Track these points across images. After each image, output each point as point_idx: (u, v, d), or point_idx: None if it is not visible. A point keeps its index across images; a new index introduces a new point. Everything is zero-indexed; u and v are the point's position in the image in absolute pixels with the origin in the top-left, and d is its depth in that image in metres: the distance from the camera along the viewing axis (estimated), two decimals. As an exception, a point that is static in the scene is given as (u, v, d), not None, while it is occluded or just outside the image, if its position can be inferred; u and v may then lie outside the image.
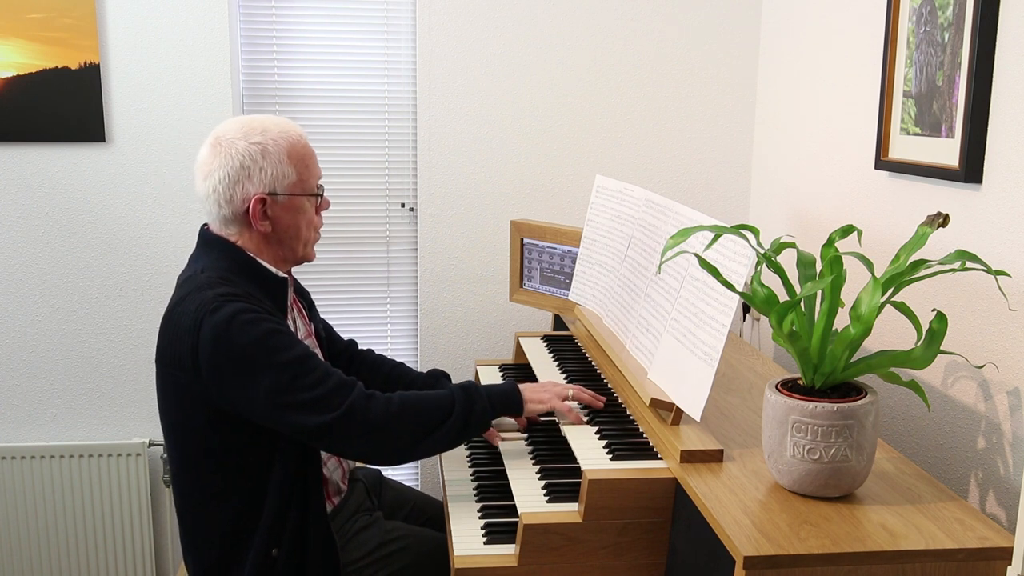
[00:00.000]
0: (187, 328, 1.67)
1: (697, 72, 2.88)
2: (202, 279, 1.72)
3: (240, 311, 1.66)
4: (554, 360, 2.28)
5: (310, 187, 1.82)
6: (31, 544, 2.85)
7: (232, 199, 1.75)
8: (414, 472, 3.08)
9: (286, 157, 1.77)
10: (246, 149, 1.74)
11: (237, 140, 1.75)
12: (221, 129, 1.78)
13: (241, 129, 1.77)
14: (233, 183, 1.74)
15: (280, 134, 1.78)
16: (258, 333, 1.66)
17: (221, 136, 1.77)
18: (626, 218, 2.21)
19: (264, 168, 1.75)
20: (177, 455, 1.80)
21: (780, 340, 1.52)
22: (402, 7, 2.81)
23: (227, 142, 1.75)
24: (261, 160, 1.75)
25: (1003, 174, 1.69)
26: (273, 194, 1.76)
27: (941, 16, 1.84)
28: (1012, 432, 1.66)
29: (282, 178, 1.77)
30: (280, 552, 1.76)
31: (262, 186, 1.75)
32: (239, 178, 1.74)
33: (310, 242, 1.87)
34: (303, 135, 1.82)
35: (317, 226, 1.87)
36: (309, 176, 1.81)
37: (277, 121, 1.81)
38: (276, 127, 1.79)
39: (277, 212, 1.78)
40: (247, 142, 1.75)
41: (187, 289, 1.73)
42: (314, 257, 1.89)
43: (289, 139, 1.78)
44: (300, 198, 1.80)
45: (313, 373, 1.69)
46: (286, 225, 1.80)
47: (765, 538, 1.35)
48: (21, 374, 2.82)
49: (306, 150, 1.81)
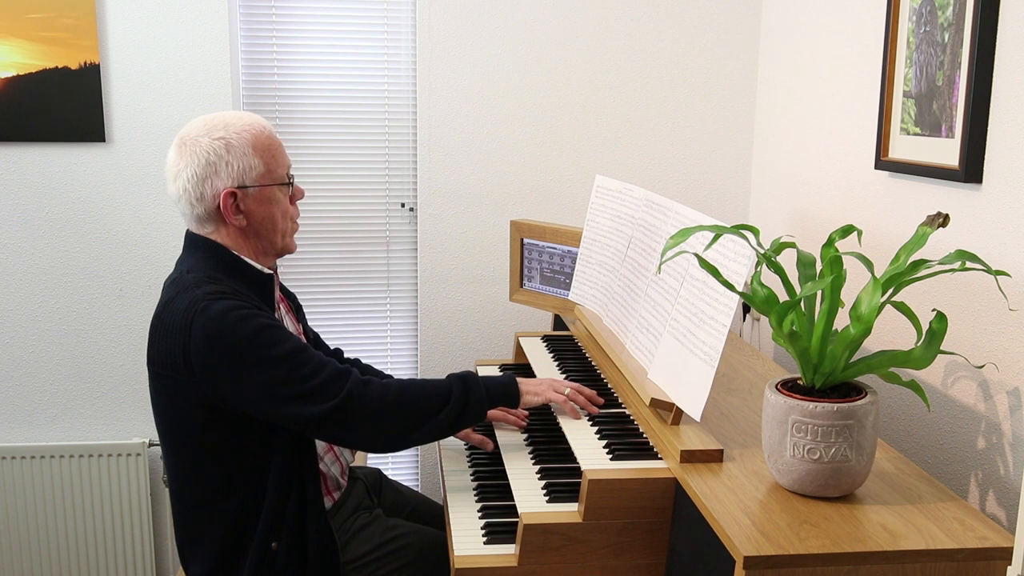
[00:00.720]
0: (178, 328, 1.67)
1: (697, 72, 2.88)
2: (189, 279, 1.73)
3: (231, 308, 1.66)
4: (554, 360, 2.28)
5: (279, 176, 1.82)
6: (31, 544, 2.85)
7: (203, 197, 1.76)
8: (414, 472, 3.08)
9: (251, 149, 1.77)
10: (210, 145, 1.75)
11: (201, 138, 1.76)
12: (185, 129, 1.79)
13: (204, 127, 1.78)
14: (201, 180, 1.75)
15: (243, 127, 1.78)
16: (251, 329, 1.66)
17: (185, 136, 1.78)
18: (626, 218, 2.21)
19: (230, 162, 1.75)
20: (173, 456, 1.80)
21: (780, 340, 1.52)
22: (402, 7, 2.81)
23: (191, 141, 1.76)
24: (226, 154, 1.75)
25: (1003, 174, 1.69)
26: (243, 187, 1.77)
27: (941, 16, 1.84)
28: (1012, 432, 1.66)
29: (249, 170, 1.77)
30: (280, 546, 1.76)
31: (230, 180, 1.76)
32: (206, 175, 1.75)
33: (288, 232, 1.87)
34: (267, 126, 1.83)
35: (293, 216, 1.88)
36: (277, 166, 1.81)
37: (240, 115, 1.81)
38: (239, 121, 1.79)
39: (249, 205, 1.78)
40: (210, 138, 1.76)
41: (175, 290, 1.73)
42: (295, 248, 1.89)
43: (252, 131, 1.79)
44: (270, 188, 1.80)
45: (308, 364, 1.70)
46: (260, 217, 1.80)
47: (765, 538, 1.35)
48: (21, 374, 2.82)
49: (271, 140, 1.81)
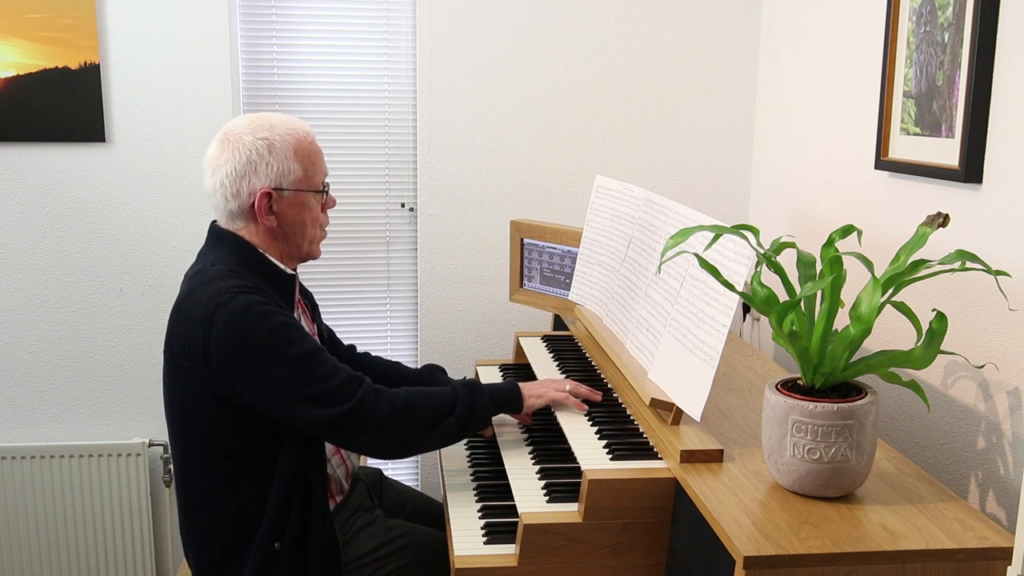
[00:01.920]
0: (199, 319, 1.68)
1: (697, 72, 2.88)
2: (213, 272, 1.75)
3: (253, 303, 1.68)
4: (554, 360, 2.28)
5: (315, 184, 1.85)
6: (31, 544, 2.85)
7: (239, 193, 1.78)
8: (414, 472, 3.08)
9: (292, 153, 1.80)
10: (253, 144, 1.78)
11: (244, 135, 1.78)
12: (230, 125, 1.82)
13: (249, 125, 1.80)
14: (240, 177, 1.77)
15: (287, 131, 1.81)
16: (272, 325, 1.68)
17: (229, 132, 1.81)
18: (626, 218, 2.21)
19: (270, 163, 1.78)
20: (182, 447, 1.81)
21: (780, 340, 1.52)
22: (402, 7, 2.81)
23: (235, 137, 1.79)
24: (267, 155, 1.78)
25: (1003, 174, 1.69)
26: (279, 189, 1.79)
27: (941, 16, 1.84)
28: (1012, 432, 1.66)
29: (288, 173, 1.79)
30: (282, 546, 1.76)
31: (268, 180, 1.78)
32: (245, 172, 1.77)
33: (316, 239, 1.89)
34: (310, 133, 1.86)
35: (323, 224, 1.90)
36: (315, 173, 1.84)
37: (285, 119, 1.84)
38: (283, 124, 1.82)
39: (282, 207, 1.81)
40: (254, 137, 1.78)
41: (198, 281, 1.75)
42: (319, 254, 1.92)
43: (296, 136, 1.81)
44: (305, 194, 1.83)
45: (323, 367, 1.72)
46: (291, 220, 1.82)
47: (765, 538, 1.35)
48: (21, 374, 2.82)
49: (312, 147, 1.84)
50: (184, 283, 1.81)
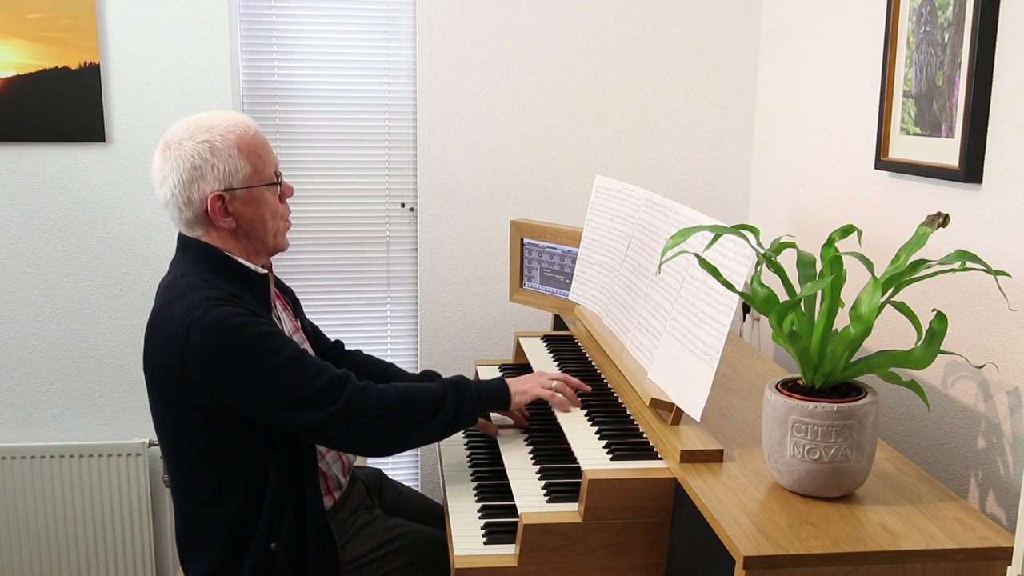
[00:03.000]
0: (174, 334, 1.66)
1: (697, 72, 2.88)
2: (184, 284, 1.72)
3: (229, 315, 1.66)
4: (554, 360, 2.28)
5: (267, 176, 1.80)
6: (31, 544, 2.85)
7: (190, 201, 1.74)
8: (414, 472, 3.08)
9: (236, 151, 1.75)
10: (194, 149, 1.73)
11: (185, 141, 1.74)
12: (169, 132, 1.77)
13: (188, 129, 1.75)
14: (188, 185, 1.73)
15: (227, 128, 1.76)
16: (250, 336, 1.66)
17: (169, 139, 1.76)
18: (626, 218, 2.21)
19: (216, 165, 1.73)
20: (173, 458, 1.80)
21: (780, 340, 1.52)
22: (402, 7, 2.81)
23: (175, 144, 1.74)
24: (211, 157, 1.73)
25: (1003, 174, 1.69)
26: (230, 189, 1.75)
27: (941, 16, 1.84)
28: (1012, 432, 1.66)
29: (236, 172, 1.75)
30: (279, 546, 1.76)
31: (217, 183, 1.74)
32: (193, 179, 1.73)
33: (279, 232, 1.85)
34: (252, 125, 1.80)
35: (284, 214, 1.86)
36: (264, 166, 1.79)
37: (224, 116, 1.79)
38: (223, 122, 1.77)
39: (237, 207, 1.77)
40: (194, 142, 1.73)
41: (170, 295, 1.72)
42: (287, 246, 1.88)
43: (237, 131, 1.76)
44: (259, 189, 1.78)
45: (307, 371, 1.70)
46: (250, 218, 1.78)
47: (765, 538, 1.35)
48: (21, 374, 2.82)
49: (256, 139, 1.79)
50: (157, 296, 1.78)
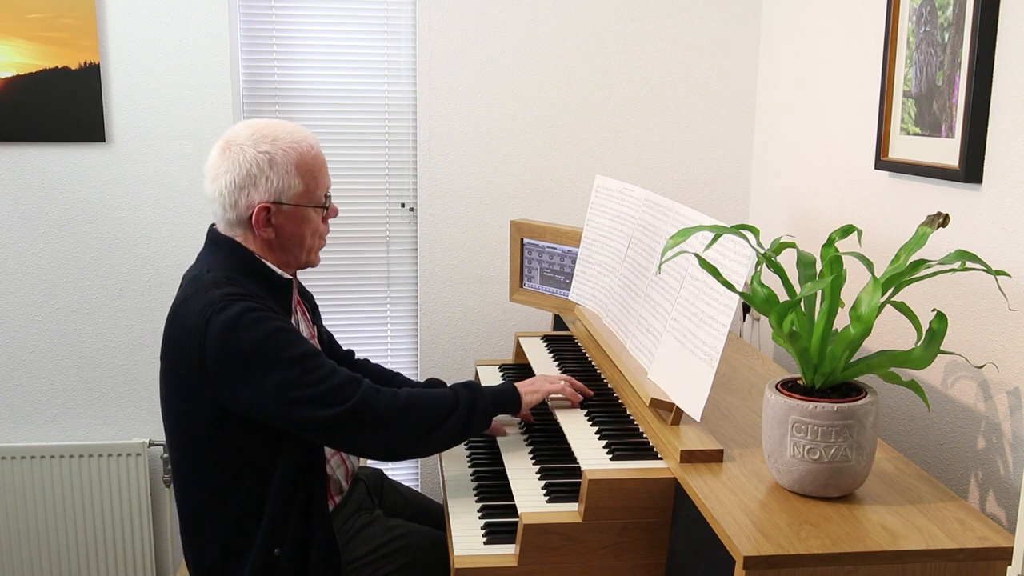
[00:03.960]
0: (193, 326, 1.67)
1: (697, 72, 2.88)
2: (208, 279, 1.73)
3: (247, 310, 1.67)
4: (554, 360, 2.28)
5: (317, 198, 1.81)
6: (31, 544, 2.85)
7: (237, 204, 1.76)
8: (414, 472, 3.08)
9: (294, 168, 1.76)
10: (254, 157, 1.74)
11: (246, 147, 1.74)
12: (233, 132, 1.78)
13: (252, 136, 1.76)
14: (239, 189, 1.74)
15: (290, 144, 1.76)
16: (265, 331, 1.67)
17: (232, 140, 1.76)
18: (626, 218, 2.21)
19: (270, 177, 1.74)
20: (179, 452, 1.80)
21: (780, 340, 1.52)
22: (402, 7, 2.81)
23: (236, 148, 1.75)
24: (268, 169, 1.74)
25: (1003, 174, 1.69)
26: (278, 203, 1.76)
27: (941, 16, 1.84)
28: (1012, 432, 1.66)
29: (288, 188, 1.76)
30: (283, 551, 1.76)
31: (267, 195, 1.75)
32: (245, 185, 1.74)
33: (314, 249, 1.87)
34: (315, 145, 1.81)
35: (323, 234, 1.87)
36: (316, 187, 1.80)
37: (290, 129, 1.79)
38: (287, 136, 1.77)
39: (281, 221, 1.78)
40: (256, 150, 1.74)
41: (193, 288, 1.74)
42: (318, 263, 1.89)
43: (299, 149, 1.77)
44: (306, 209, 1.80)
45: (321, 369, 1.70)
46: (290, 233, 1.80)
47: (765, 538, 1.35)
48: (21, 374, 2.82)
49: (316, 161, 1.80)
50: (181, 287, 1.80)
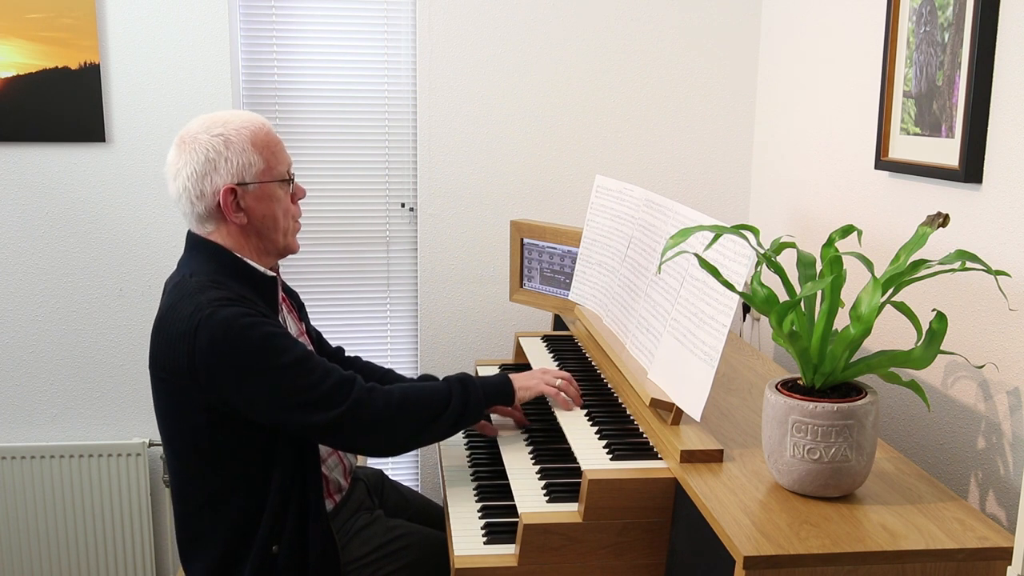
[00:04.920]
0: (182, 333, 1.66)
1: (697, 72, 2.88)
2: (192, 284, 1.72)
3: (237, 315, 1.66)
4: (554, 360, 2.28)
5: (279, 173, 1.81)
6: (31, 544, 2.85)
7: (203, 194, 1.75)
8: (414, 473, 3.08)
9: (250, 145, 1.76)
10: (209, 142, 1.75)
11: (199, 135, 1.76)
12: (184, 129, 1.79)
13: (203, 124, 1.77)
14: (200, 177, 1.75)
15: (242, 124, 1.78)
16: (257, 337, 1.66)
17: (184, 134, 1.78)
18: (626, 218, 2.21)
19: (229, 158, 1.75)
20: (176, 459, 1.80)
21: (780, 340, 1.52)
22: (402, 7, 2.81)
23: (190, 139, 1.76)
24: (225, 151, 1.75)
25: (1003, 174, 1.69)
26: (242, 184, 1.76)
27: (941, 16, 1.84)
28: (1012, 432, 1.66)
29: (249, 166, 1.76)
30: (280, 550, 1.76)
31: (230, 176, 1.75)
32: (206, 172, 1.74)
33: (290, 231, 1.86)
34: (266, 123, 1.82)
35: (295, 215, 1.87)
36: (277, 163, 1.81)
37: (239, 113, 1.81)
38: (238, 118, 1.79)
39: (249, 202, 1.78)
40: (209, 135, 1.75)
41: (178, 294, 1.72)
42: (297, 248, 1.88)
43: (251, 128, 1.78)
44: (271, 185, 1.79)
45: (315, 372, 1.70)
46: (261, 215, 1.79)
47: (765, 538, 1.35)
48: (21, 374, 2.82)
49: (270, 137, 1.81)
50: (164, 295, 1.79)
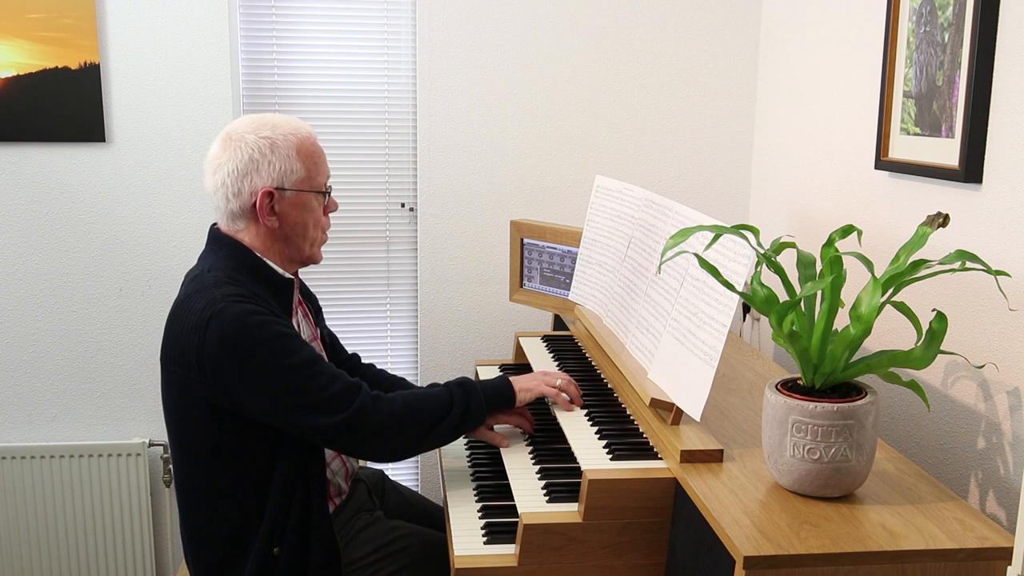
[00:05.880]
0: (193, 327, 1.67)
1: (697, 72, 2.88)
2: (209, 278, 1.73)
3: (248, 312, 1.66)
4: (554, 360, 2.28)
5: (318, 184, 1.84)
6: (31, 544, 2.85)
7: (240, 192, 1.77)
8: (414, 473, 3.08)
9: (295, 152, 1.79)
10: (255, 143, 1.77)
11: (247, 135, 1.78)
12: (232, 125, 1.82)
13: (252, 125, 1.80)
14: (241, 176, 1.77)
15: (290, 130, 1.81)
16: (266, 336, 1.66)
17: (232, 131, 1.80)
18: (626, 218, 2.21)
19: (272, 162, 1.77)
20: (181, 453, 1.80)
21: (780, 340, 1.52)
22: (402, 7, 2.81)
23: (237, 136, 1.78)
24: (270, 154, 1.77)
25: (1003, 174, 1.69)
26: (281, 188, 1.78)
27: (941, 16, 1.84)
28: (1012, 432, 1.66)
29: (290, 173, 1.79)
30: (282, 550, 1.76)
31: (270, 180, 1.77)
32: (247, 171, 1.76)
33: (317, 242, 1.88)
34: (313, 133, 1.85)
35: (324, 227, 1.89)
36: (317, 174, 1.83)
37: (288, 119, 1.84)
38: (287, 124, 1.82)
39: (284, 207, 1.80)
40: (257, 136, 1.78)
41: (194, 287, 1.74)
42: (320, 259, 1.91)
43: (299, 136, 1.81)
44: (307, 195, 1.82)
45: (321, 376, 1.71)
46: (293, 222, 1.81)
47: (765, 538, 1.35)
48: (21, 374, 2.82)
49: (315, 148, 1.84)
50: (182, 287, 1.81)
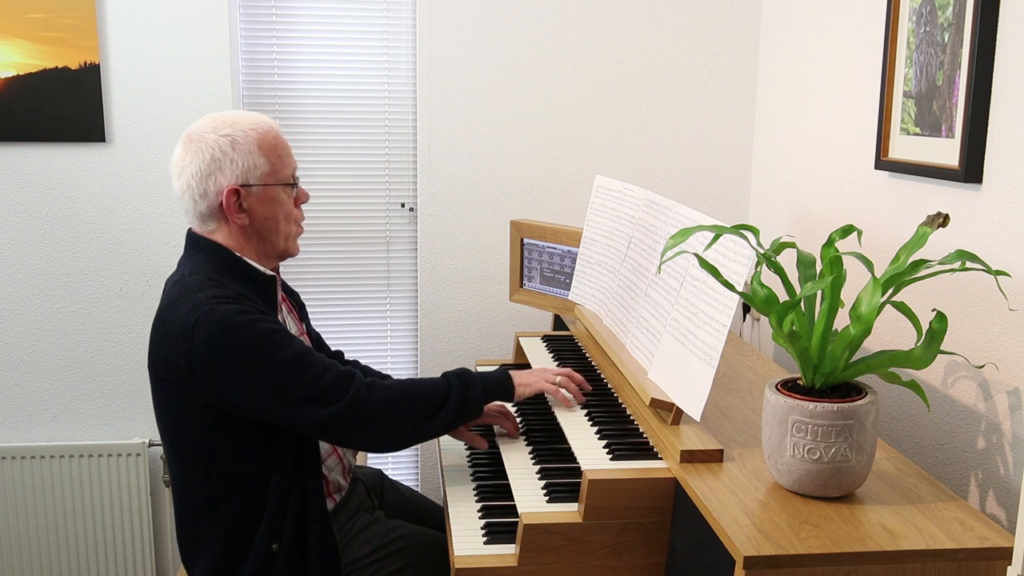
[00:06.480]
0: (180, 332, 1.66)
1: (697, 72, 2.88)
2: (191, 282, 1.72)
3: (235, 312, 1.66)
4: (554, 360, 2.28)
5: (284, 177, 1.81)
6: (31, 544, 2.85)
7: (206, 193, 1.75)
8: (414, 472, 3.08)
9: (256, 147, 1.76)
10: (216, 141, 1.75)
11: (207, 134, 1.76)
12: (192, 127, 1.80)
13: (211, 124, 1.78)
14: (205, 176, 1.75)
15: (250, 125, 1.78)
16: (255, 334, 1.66)
17: (192, 133, 1.78)
18: (626, 218, 2.21)
19: (235, 159, 1.75)
20: (176, 459, 1.80)
21: (780, 340, 1.52)
22: (402, 7, 2.81)
23: (197, 137, 1.76)
24: (231, 151, 1.75)
25: (1003, 174, 1.69)
26: (246, 185, 1.76)
27: (941, 16, 1.84)
28: (1012, 432, 1.66)
29: (254, 168, 1.76)
30: (280, 548, 1.76)
31: (234, 177, 1.75)
32: (211, 171, 1.74)
33: (291, 235, 1.86)
34: (274, 126, 1.82)
35: (297, 219, 1.87)
36: (282, 166, 1.81)
37: (248, 114, 1.81)
38: (247, 119, 1.79)
39: (252, 203, 1.78)
40: (217, 135, 1.75)
41: (177, 293, 1.72)
42: (297, 251, 1.88)
43: (259, 130, 1.78)
44: (275, 188, 1.79)
45: (313, 368, 1.70)
46: (263, 217, 1.79)
47: (765, 538, 1.35)
48: (21, 374, 2.82)
49: (278, 140, 1.81)
50: (164, 293, 1.79)
